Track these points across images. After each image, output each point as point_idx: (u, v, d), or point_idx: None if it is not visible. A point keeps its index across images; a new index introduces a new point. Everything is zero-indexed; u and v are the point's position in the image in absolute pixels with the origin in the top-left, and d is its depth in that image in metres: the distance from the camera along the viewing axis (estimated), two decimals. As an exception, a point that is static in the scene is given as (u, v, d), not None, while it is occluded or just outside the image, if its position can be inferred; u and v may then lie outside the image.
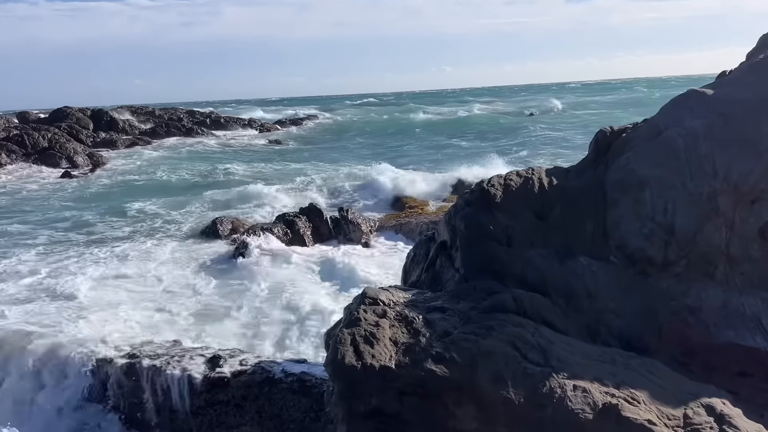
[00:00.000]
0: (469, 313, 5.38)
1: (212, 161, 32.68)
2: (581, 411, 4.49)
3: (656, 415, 4.50)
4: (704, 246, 5.85)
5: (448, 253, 6.69)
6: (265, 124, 57.14)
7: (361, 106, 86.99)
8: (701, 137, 6.05)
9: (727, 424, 4.52)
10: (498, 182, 6.71)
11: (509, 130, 42.13)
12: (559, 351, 4.95)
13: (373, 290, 5.75)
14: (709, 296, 5.77)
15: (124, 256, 14.37)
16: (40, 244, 15.95)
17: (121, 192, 24.38)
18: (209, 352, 8.48)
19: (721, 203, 5.83)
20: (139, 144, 40.77)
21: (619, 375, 4.84)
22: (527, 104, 69.88)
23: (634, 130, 6.78)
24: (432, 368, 4.73)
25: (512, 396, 4.58)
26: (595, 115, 52.47)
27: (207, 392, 7.77)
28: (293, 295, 11.39)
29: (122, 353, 8.53)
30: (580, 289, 6.03)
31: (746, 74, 6.53)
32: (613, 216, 6.26)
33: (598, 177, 6.57)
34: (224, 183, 25.29)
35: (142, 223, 18.22)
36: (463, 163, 23.13)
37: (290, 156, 35.53)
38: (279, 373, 7.71)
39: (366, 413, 4.77)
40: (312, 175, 25.11)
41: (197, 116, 56.12)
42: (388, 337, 5.05)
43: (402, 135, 45.38)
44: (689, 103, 6.49)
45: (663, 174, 6.13)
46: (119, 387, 8.23)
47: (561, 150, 30.24)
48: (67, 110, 43.70)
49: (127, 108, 55.88)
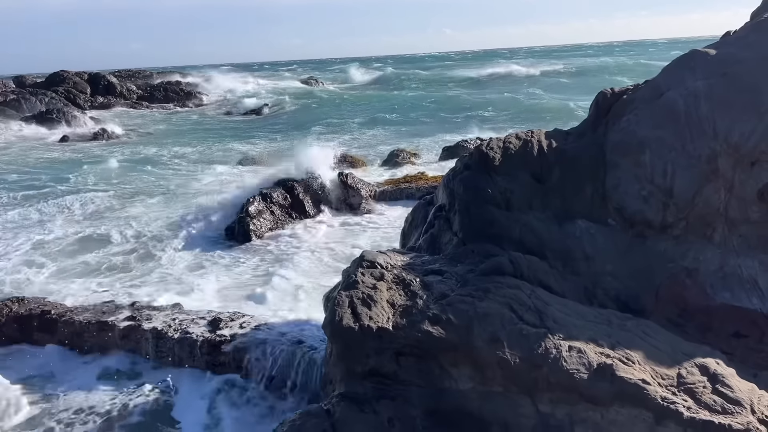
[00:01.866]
0: (466, 276, 5.40)
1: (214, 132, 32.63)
2: (576, 371, 4.53)
3: (650, 375, 4.55)
4: (703, 208, 5.83)
5: (446, 216, 6.67)
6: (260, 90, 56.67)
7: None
8: (702, 98, 5.97)
9: (720, 383, 4.57)
10: (497, 145, 6.66)
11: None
12: (555, 312, 4.98)
13: (371, 253, 5.76)
14: (707, 258, 5.78)
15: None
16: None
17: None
18: (210, 315, 8.56)
19: (720, 165, 5.79)
20: (137, 108, 40.48)
21: (614, 336, 4.88)
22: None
23: (635, 92, 6.69)
24: (429, 329, 4.77)
25: (508, 356, 4.63)
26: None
27: (208, 354, 7.87)
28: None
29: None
30: (578, 251, 6.03)
31: (749, 34, 6.41)
32: (612, 179, 6.23)
33: (597, 139, 6.51)
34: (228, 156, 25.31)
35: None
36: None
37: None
38: (278, 334, 7.79)
39: (363, 373, 4.83)
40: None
41: (192, 80, 55.64)
42: (386, 300, 5.08)
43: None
44: (692, 64, 6.39)
45: (663, 136, 6.07)
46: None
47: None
48: (64, 74, 43.27)
49: (124, 72, 55.33)
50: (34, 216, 15.94)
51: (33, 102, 33.55)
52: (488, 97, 42.19)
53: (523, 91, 45.55)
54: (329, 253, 12.48)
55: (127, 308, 9.01)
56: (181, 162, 24.29)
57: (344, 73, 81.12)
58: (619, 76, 47.32)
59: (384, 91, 54.90)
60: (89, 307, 9.16)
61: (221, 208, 14.86)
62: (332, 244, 13.22)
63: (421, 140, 26.25)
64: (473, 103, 39.20)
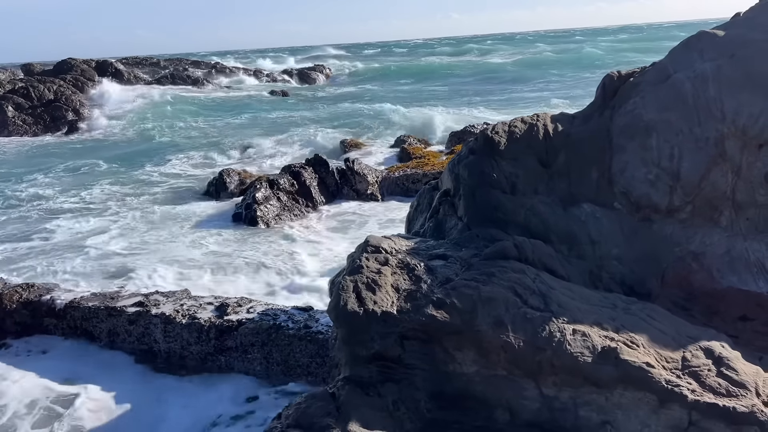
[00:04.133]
0: (471, 260, 5.40)
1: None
2: (580, 354, 4.54)
3: (655, 358, 4.55)
4: (710, 191, 5.79)
5: (451, 201, 6.66)
6: (271, 74, 56.82)
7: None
8: (710, 80, 5.91)
9: (725, 366, 4.56)
10: (502, 129, 6.62)
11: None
12: (559, 296, 4.98)
13: (376, 238, 5.76)
14: (714, 242, 5.75)
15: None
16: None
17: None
18: (218, 301, 8.62)
19: (728, 148, 5.74)
20: (144, 97, 40.56)
21: (618, 319, 4.88)
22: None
23: (642, 74, 6.62)
24: (433, 313, 4.78)
25: (512, 340, 4.64)
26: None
27: (216, 339, 7.93)
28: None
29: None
30: (584, 236, 6.02)
31: (759, 14, 6.31)
32: (618, 162, 6.18)
33: (604, 123, 6.46)
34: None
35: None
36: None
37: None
38: (285, 320, 7.84)
39: (368, 357, 4.85)
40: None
41: (202, 66, 55.75)
42: (390, 284, 5.09)
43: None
44: (699, 45, 6.31)
45: (670, 118, 6.01)
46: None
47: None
48: (72, 62, 43.29)
49: (132, 59, 55.40)
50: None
51: (41, 90, 33.65)
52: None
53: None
54: (333, 240, 12.53)
55: (137, 295, 9.09)
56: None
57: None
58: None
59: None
60: (98, 294, 9.24)
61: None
62: (335, 230, 13.27)
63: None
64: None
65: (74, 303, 8.84)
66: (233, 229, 13.39)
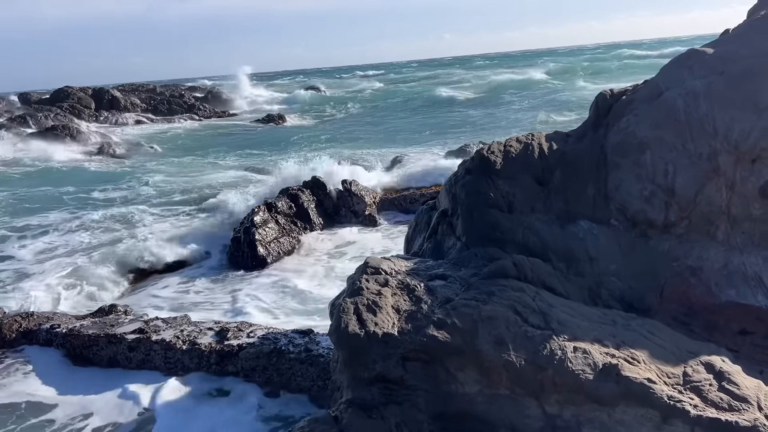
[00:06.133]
0: (470, 280, 5.42)
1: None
2: (582, 372, 4.55)
3: (656, 374, 4.56)
4: (705, 206, 5.84)
5: (449, 221, 6.70)
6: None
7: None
8: (701, 97, 5.99)
9: (726, 380, 4.57)
10: (498, 149, 6.69)
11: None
12: (559, 314, 5.00)
13: (375, 260, 5.79)
14: (711, 256, 5.78)
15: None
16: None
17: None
18: (218, 326, 8.61)
19: (721, 163, 5.81)
20: (143, 123, 40.82)
21: (619, 336, 4.89)
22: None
23: (634, 92, 6.72)
24: (434, 334, 4.79)
25: (513, 359, 4.64)
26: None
27: (216, 364, 7.91)
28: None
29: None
30: (582, 253, 6.05)
31: (746, 31, 6.43)
32: (613, 179, 6.24)
33: (598, 140, 6.54)
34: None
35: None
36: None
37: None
38: (286, 344, 7.82)
39: (370, 379, 4.85)
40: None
41: (198, 92, 56.21)
42: (390, 305, 5.11)
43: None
44: (689, 63, 6.42)
45: (663, 135, 6.09)
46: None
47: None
48: (68, 90, 43.65)
49: (128, 86, 55.78)
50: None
51: (39, 118, 33.84)
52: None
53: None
54: (333, 263, 12.52)
55: (137, 321, 9.07)
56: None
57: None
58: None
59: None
60: (98, 322, 9.22)
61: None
62: (335, 252, 13.26)
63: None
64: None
65: (74, 331, 8.81)
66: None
